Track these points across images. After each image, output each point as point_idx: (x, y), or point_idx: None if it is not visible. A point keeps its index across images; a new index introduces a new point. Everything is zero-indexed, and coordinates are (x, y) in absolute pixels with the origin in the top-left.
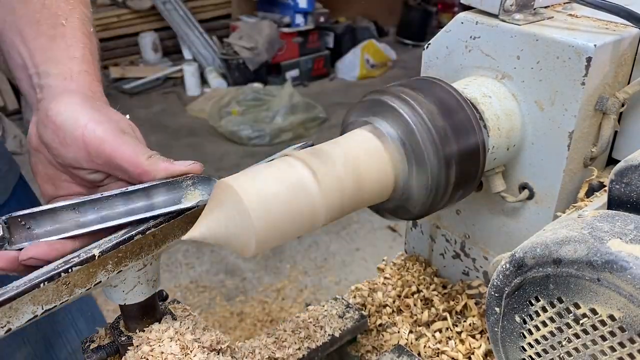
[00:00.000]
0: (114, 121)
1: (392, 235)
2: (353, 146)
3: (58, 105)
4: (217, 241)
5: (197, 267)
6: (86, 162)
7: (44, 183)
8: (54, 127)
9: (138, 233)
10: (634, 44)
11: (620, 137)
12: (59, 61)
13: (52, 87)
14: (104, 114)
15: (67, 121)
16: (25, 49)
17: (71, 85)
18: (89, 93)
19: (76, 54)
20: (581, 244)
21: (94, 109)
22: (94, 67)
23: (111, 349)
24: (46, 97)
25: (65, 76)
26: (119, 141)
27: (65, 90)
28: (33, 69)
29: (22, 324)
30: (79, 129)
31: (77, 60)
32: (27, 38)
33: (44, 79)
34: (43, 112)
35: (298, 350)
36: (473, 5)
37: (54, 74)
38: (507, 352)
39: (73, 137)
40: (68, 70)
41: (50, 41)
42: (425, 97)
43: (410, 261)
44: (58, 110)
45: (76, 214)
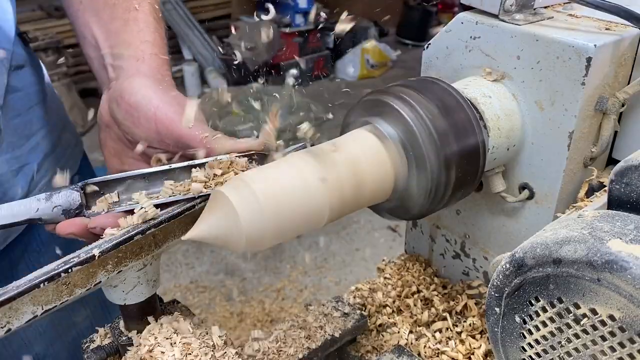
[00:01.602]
0: (181, 104)
1: (392, 235)
2: (353, 146)
3: (132, 86)
4: (213, 241)
5: (197, 267)
6: (157, 142)
7: (111, 157)
8: (128, 106)
9: (138, 233)
10: (634, 44)
11: (620, 137)
12: (131, 44)
13: (124, 68)
14: (173, 97)
15: (141, 101)
16: (100, 30)
17: (143, 67)
18: (159, 76)
19: (148, 38)
20: (581, 244)
21: (165, 91)
22: (163, 51)
23: (111, 349)
24: (119, 77)
25: (138, 58)
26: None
27: (138, 72)
28: (107, 49)
29: (22, 324)
30: (151, 109)
31: (149, 44)
32: (102, 20)
33: (117, 60)
34: (117, 91)
35: (298, 351)
36: (473, 5)
37: (127, 55)
38: (507, 352)
39: (146, 117)
40: (140, 52)
41: (124, 24)
42: (425, 97)
43: (410, 261)
44: (132, 90)
45: (146, 184)
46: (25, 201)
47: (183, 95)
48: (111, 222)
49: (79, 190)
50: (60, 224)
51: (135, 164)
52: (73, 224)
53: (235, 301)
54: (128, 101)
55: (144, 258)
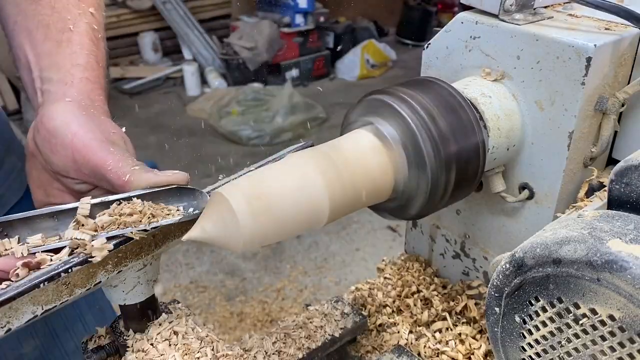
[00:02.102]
0: (105, 131)
1: (392, 235)
2: (353, 146)
3: (52, 111)
4: (212, 241)
5: (197, 268)
6: (73, 171)
7: (36, 188)
8: (46, 132)
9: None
10: (634, 44)
11: (620, 137)
12: (61, 67)
13: (51, 93)
14: (96, 124)
15: (59, 127)
16: (32, 52)
17: (70, 92)
18: (87, 101)
19: (80, 61)
20: (581, 244)
21: (87, 118)
22: (97, 75)
23: (111, 349)
24: (45, 102)
25: (66, 82)
26: (105, 151)
27: (64, 97)
28: (37, 72)
29: (22, 324)
30: (68, 135)
31: (80, 67)
32: (35, 41)
33: (46, 84)
34: (39, 117)
35: (298, 350)
36: (473, 5)
37: (56, 79)
38: (507, 352)
39: (63, 144)
40: (70, 76)
41: (56, 46)
42: (425, 97)
43: (410, 261)
44: (51, 115)
45: (55, 222)
46: None
47: (111, 122)
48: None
49: None
50: None
51: (61, 197)
52: None
53: (235, 301)
54: (46, 126)
55: (144, 258)
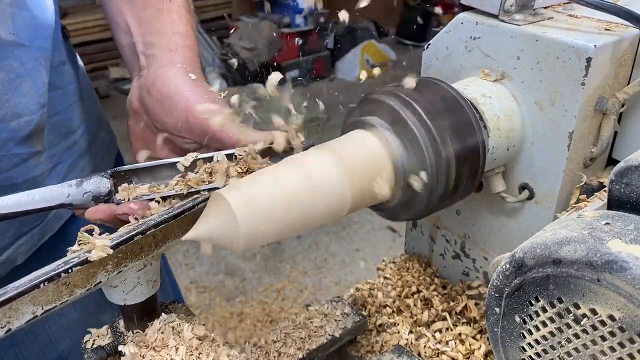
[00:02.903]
0: (211, 96)
1: (392, 236)
2: (354, 146)
3: (165, 75)
4: (212, 241)
5: (197, 268)
6: (185, 131)
7: (138, 143)
8: (160, 95)
9: (138, 233)
10: (634, 45)
11: (620, 138)
12: (164, 34)
13: (157, 58)
14: (203, 89)
15: (173, 91)
16: (133, 17)
17: (176, 58)
18: (191, 67)
19: (180, 29)
20: (581, 244)
21: (195, 84)
22: (194, 43)
23: (111, 349)
24: (151, 66)
25: (170, 49)
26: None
27: (170, 63)
28: (139, 37)
29: (22, 324)
30: (182, 100)
31: (181, 35)
32: (135, 7)
33: (150, 49)
34: (149, 80)
35: (298, 351)
36: (473, 5)
37: (160, 45)
38: (507, 353)
39: (177, 108)
40: (173, 43)
41: (157, 14)
42: (425, 98)
43: (410, 261)
44: (164, 80)
45: (174, 172)
46: (57, 187)
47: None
48: (136, 210)
49: (108, 178)
50: (89, 209)
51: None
52: (101, 210)
53: (235, 301)
54: (160, 90)
55: (144, 258)
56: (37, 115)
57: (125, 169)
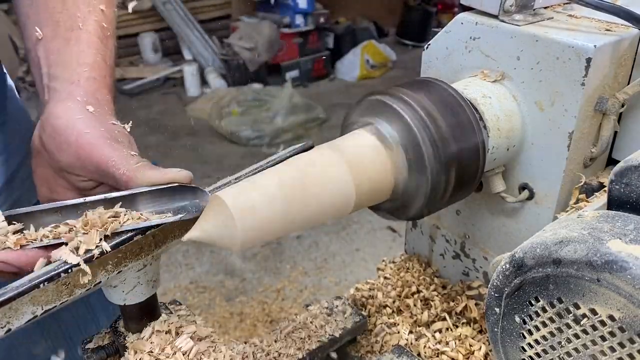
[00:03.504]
0: (109, 130)
1: (392, 236)
2: (353, 147)
3: (58, 109)
4: (211, 241)
5: (196, 268)
6: (79, 168)
7: (40, 185)
8: (52, 130)
9: (138, 233)
10: (633, 45)
11: (620, 138)
12: (68, 65)
13: (57, 91)
14: (101, 122)
15: (64, 125)
16: (42, 48)
17: (76, 91)
18: (93, 100)
19: (87, 60)
20: (581, 245)
21: (92, 117)
22: (104, 74)
23: (111, 349)
24: (51, 100)
25: (72, 81)
26: (110, 149)
27: (70, 95)
28: (45, 68)
29: (22, 324)
30: (74, 133)
31: (87, 67)
32: (45, 37)
33: (53, 82)
34: (45, 115)
35: (298, 351)
36: (473, 5)
37: (62, 78)
38: (507, 353)
39: (68, 142)
40: (76, 75)
41: (65, 44)
42: (425, 98)
43: (410, 261)
44: (57, 114)
45: (58, 217)
46: None
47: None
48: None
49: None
50: None
51: (64, 194)
52: None
53: (235, 301)
54: (53, 124)
55: (144, 258)
56: None
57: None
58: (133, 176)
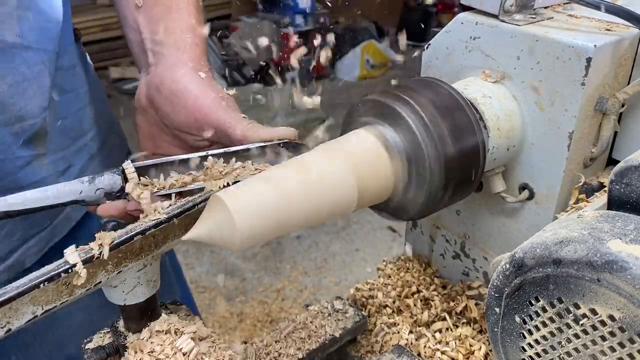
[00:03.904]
0: (219, 94)
1: (392, 236)
2: (355, 146)
3: (173, 74)
4: (211, 241)
5: (197, 268)
6: (195, 129)
7: (145, 139)
8: (169, 93)
9: (138, 233)
10: (634, 45)
11: (620, 137)
12: (173, 31)
13: (165, 55)
14: (212, 87)
15: (181, 90)
16: (142, 14)
17: (183, 57)
18: (199, 66)
19: (189, 27)
20: (581, 245)
21: (204, 82)
22: (203, 40)
23: (111, 349)
24: (159, 64)
25: (179, 46)
26: (224, 111)
27: (179, 61)
28: (148, 34)
29: (22, 324)
30: (191, 98)
31: (190, 33)
32: (146, 4)
33: (158, 47)
34: (157, 78)
35: (298, 351)
36: (473, 5)
37: (168, 43)
38: (507, 353)
39: (185, 105)
40: (182, 41)
41: (166, 11)
42: (425, 98)
43: (410, 261)
44: (173, 78)
45: (185, 169)
46: (69, 183)
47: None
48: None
49: (120, 174)
50: (101, 206)
51: (169, 148)
52: (113, 206)
53: (235, 301)
54: (169, 88)
55: (144, 258)
56: (40, 118)
57: (137, 166)
58: (247, 134)
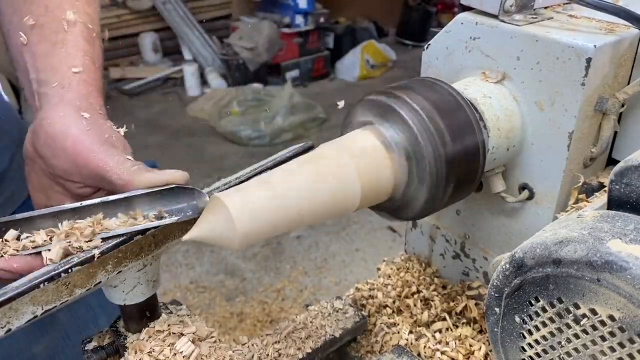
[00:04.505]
0: (103, 134)
1: (392, 236)
2: (354, 146)
3: (52, 115)
4: (210, 241)
5: (197, 268)
6: (75, 175)
7: (36, 192)
8: (46, 136)
9: (138, 233)
10: (633, 45)
11: (620, 138)
12: (58, 70)
13: (49, 96)
14: (95, 127)
15: (59, 131)
16: (29, 53)
17: (68, 95)
18: (85, 104)
19: (76, 62)
20: (581, 244)
21: (86, 121)
22: (93, 76)
23: (111, 349)
24: (43, 106)
25: (64, 85)
26: (106, 153)
27: (62, 100)
28: (34, 74)
29: (22, 324)
30: (69, 139)
31: (77, 70)
32: (30, 42)
33: (43, 87)
34: (38, 121)
35: (298, 351)
36: (473, 5)
37: (52, 82)
38: (506, 353)
39: (63, 148)
40: (67, 79)
41: (51, 48)
42: (425, 98)
43: (410, 261)
44: (51, 120)
45: (55, 222)
46: None
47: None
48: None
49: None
50: None
51: (61, 200)
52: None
53: (235, 301)
54: (47, 131)
55: (144, 258)
56: None
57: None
58: (130, 180)
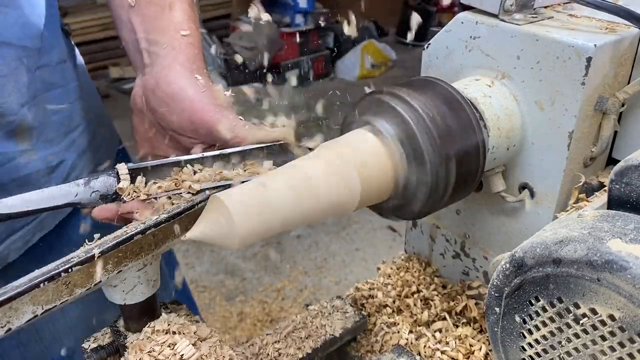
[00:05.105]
0: (216, 96)
1: (392, 235)
2: (353, 146)
3: (168, 75)
4: (210, 240)
5: (197, 267)
6: (189, 131)
7: (142, 141)
8: (164, 95)
9: (138, 233)
10: (634, 44)
11: (620, 137)
12: (167, 31)
13: (160, 56)
14: (208, 88)
15: (177, 92)
16: (136, 14)
17: (179, 57)
18: (194, 66)
19: (184, 26)
20: (581, 244)
21: (200, 83)
22: (198, 40)
23: (111, 348)
24: (154, 65)
25: (174, 46)
26: (221, 114)
27: (175, 61)
28: (142, 34)
29: (22, 324)
30: (186, 100)
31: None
32: (139, 4)
33: (153, 47)
34: (152, 79)
35: (298, 350)
36: (473, 5)
37: (162, 43)
38: (507, 352)
39: (181, 108)
40: (177, 41)
41: (160, 10)
42: (425, 97)
43: (410, 261)
44: (168, 80)
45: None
46: (65, 186)
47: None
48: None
49: (115, 177)
50: (96, 208)
51: (166, 150)
52: (107, 209)
53: (235, 301)
54: (164, 90)
55: (144, 258)
56: (19, 114)
57: (132, 168)
58: (244, 137)
